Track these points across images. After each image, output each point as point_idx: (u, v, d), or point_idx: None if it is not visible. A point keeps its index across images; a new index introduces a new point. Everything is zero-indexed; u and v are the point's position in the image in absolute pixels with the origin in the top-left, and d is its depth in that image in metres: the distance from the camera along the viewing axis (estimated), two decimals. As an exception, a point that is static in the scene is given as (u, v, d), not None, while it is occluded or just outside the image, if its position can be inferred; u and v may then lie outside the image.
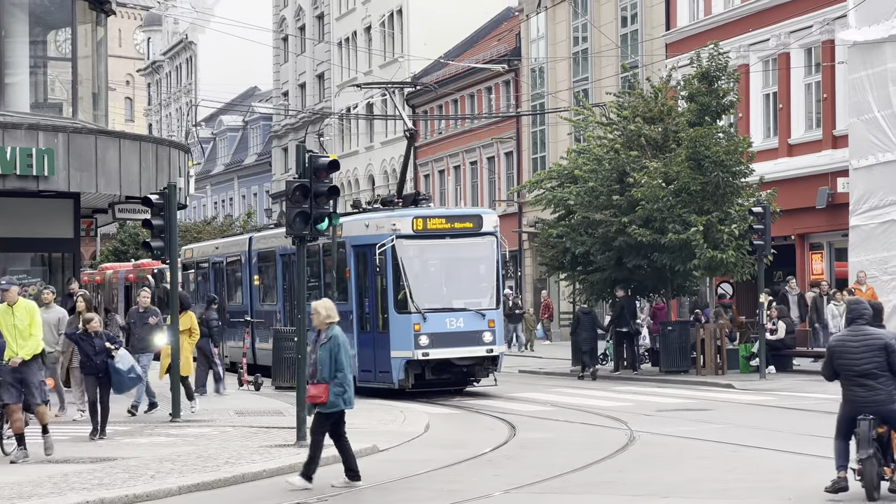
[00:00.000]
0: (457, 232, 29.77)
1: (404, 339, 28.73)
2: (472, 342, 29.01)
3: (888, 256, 35.53)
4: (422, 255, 29.63)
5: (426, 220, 29.51)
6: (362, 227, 30.23)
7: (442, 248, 29.78)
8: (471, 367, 29.55)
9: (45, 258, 31.13)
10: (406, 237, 29.06)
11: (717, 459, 18.36)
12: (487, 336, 29.10)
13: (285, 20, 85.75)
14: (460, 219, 30.52)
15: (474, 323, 29.09)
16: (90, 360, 21.05)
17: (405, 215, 29.61)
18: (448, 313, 29.06)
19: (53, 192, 28.45)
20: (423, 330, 28.60)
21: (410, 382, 28.95)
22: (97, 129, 30.79)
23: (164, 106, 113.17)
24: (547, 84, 54.60)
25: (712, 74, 34.83)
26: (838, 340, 15.38)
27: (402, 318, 28.77)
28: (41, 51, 32.69)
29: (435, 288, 29.79)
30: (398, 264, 28.84)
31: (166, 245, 24.00)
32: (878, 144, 35.80)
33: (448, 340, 28.77)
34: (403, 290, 28.81)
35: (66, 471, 17.34)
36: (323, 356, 16.37)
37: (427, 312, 28.70)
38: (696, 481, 16.35)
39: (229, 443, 20.34)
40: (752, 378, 32.16)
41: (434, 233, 29.49)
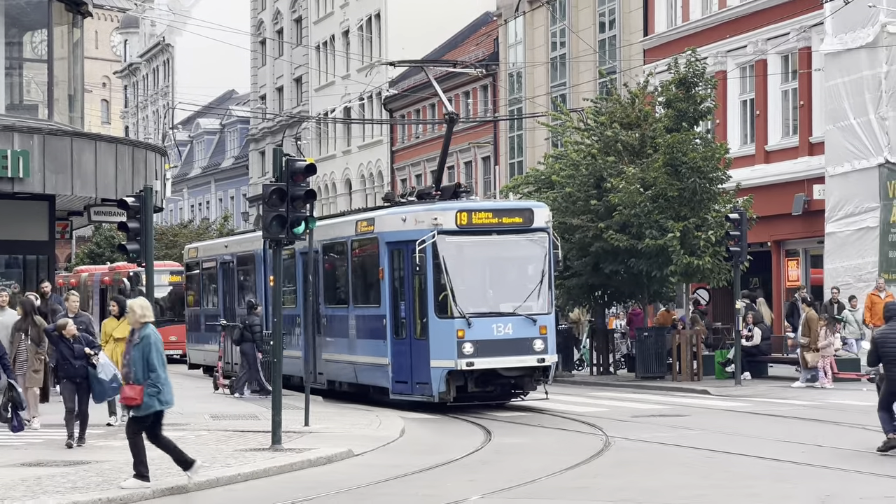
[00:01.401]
0: (505, 227, 26.98)
1: (446, 347, 25.99)
2: (522, 350, 26.31)
3: (862, 263, 35.67)
4: (466, 252, 26.84)
5: (471, 215, 26.69)
6: (398, 221, 27.29)
7: (488, 246, 27.03)
8: (519, 379, 26.94)
9: (19, 260, 31.03)
10: (449, 233, 26.28)
11: (693, 465, 18.35)
12: (539, 344, 26.39)
13: (263, 23, 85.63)
14: (509, 213, 27.49)
15: (524, 329, 26.38)
16: (68, 364, 20.37)
17: (448, 209, 26.69)
18: (495, 318, 26.38)
19: (28, 194, 28.38)
20: (467, 336, 25.90)
21: (452, 395, 26.21)
22: (73, 132, 30.72)
23: (141, 108, 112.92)
24: (525, 89, 54.62)
25: (690, 80, 34.93)
26: (882, 333, 19.30)
27: (444, 323, 26.06)
28: (17, 52, 32.60)
29: (481, 290, 27.17)
30: (440, 263, 26.09)
31: (142, 248, 23.96)
32: (853, 152, 35.94)
33: (495, 348, 26.11)
34: (445, 292, 26.12)
35: (39, 474, 17.26)
36: (136, 356, 16.16)
37: (472, 317, 26.00)
38: (671, 487, 16.33)
39: (204, 447, 20.25)
40: (728, 384, 32.20)
41: (480, 228, 26.76)
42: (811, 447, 19.59)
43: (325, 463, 18.93)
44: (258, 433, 21.56)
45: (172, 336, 47.08)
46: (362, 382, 28.91)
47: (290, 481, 17.38)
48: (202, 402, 28.74)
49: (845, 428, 22.38)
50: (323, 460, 19.02)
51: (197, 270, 41.38)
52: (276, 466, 18.24)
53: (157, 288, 30.80)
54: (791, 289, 39.24)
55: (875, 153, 35.36)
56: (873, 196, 35.46)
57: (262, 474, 17.71)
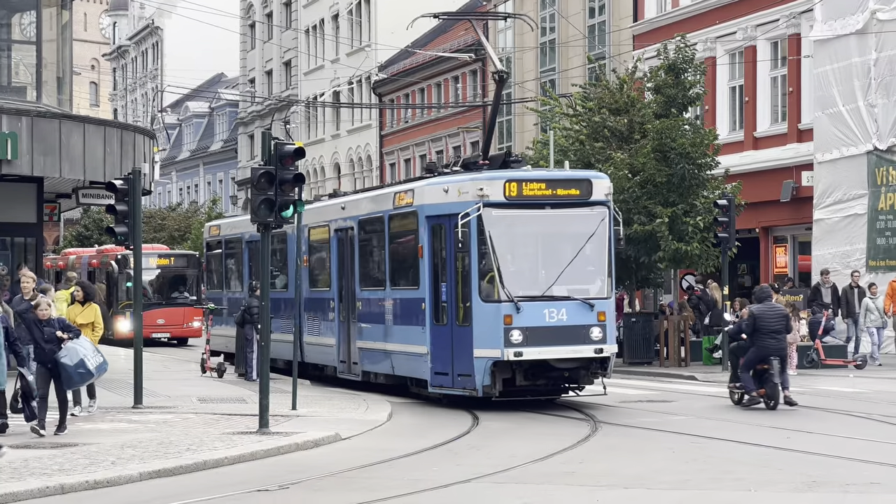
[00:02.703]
0: (560, 200, 23.92)
1: (491, 335, 23.02)
2: (577, 339, 23.34)
3: (850, 250, 35.78)
4: (515, 228, 23.91)
5: (521, 185, 23.66)
6: (439, 193, 24.29)
7: (541, 221, 24.00)
8: (573, 371, 23.94)
9: (7, 242, 31.03)
10: (496, 205, 23.36)
11: (679, 450, 18.41)
12: (596, 332, 23.41)
13: (252, 7, 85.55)
14: (564, 184, 24.31)
15: (580, 315, 23.41)
16: (39, 348, 19.73)
17: (496, 178, 23.73)
18: (547, 302, 23.29)
19: (16, 176, 28.36)
20: (515, 323, 22.93)
21: (498, 389, 23.32)
22: (61, 114, 30.70)
23: (130, 91, 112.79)
24: (514, 73, 54.59)
25: (679, 66, 34.97)
26: (760, 310, 23.27)
27: (490, 307, 23.11)
28: (5, 34, 32.57)
29: (531, 270, 24.09)
30: (486, 240, 23.14)
31: (130, 231, 23.97)
32: (842, 139, 36.03)
33: (547, 337, 23.13)
34: (491, 273, 23.22)
35: (26, 456, 17.28)
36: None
37: (521, 301, 23.03)
38: (657, 472, 16.39)
39: (191, 429, 20.31)
40: (715, 370, 32.25)
41: (531, 201, 23.73)
42: (796, 433, 19.68)
43: (312, 446, 18.98)
44: (246, 416, 21.60)
45: (160, 319, 47.23)
46: (399, 374, 26.21)
47: (277, 464, 17.43)
48: (190, 385, 28.76)
49: (830, 414, 22.48)
50: (310, 444, 19.07)
51: (219, 250, 37.86)
52: (264, 450, 18.28)
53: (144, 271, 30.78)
54: (779, 275, 39.33)
55: (864, 140, 35.45)
56: (862, 183, 35.57)
57: (250, 457, 17.74)
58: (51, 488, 15.11)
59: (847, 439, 18.93)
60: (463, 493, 15.04)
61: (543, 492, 15.10)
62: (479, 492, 15.09)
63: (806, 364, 32.34)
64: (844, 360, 32.93)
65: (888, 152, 34.82)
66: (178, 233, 71.07)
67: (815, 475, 15.69)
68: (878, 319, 32.74)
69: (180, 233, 71.08)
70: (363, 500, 14.41)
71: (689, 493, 14.97)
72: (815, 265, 37.13)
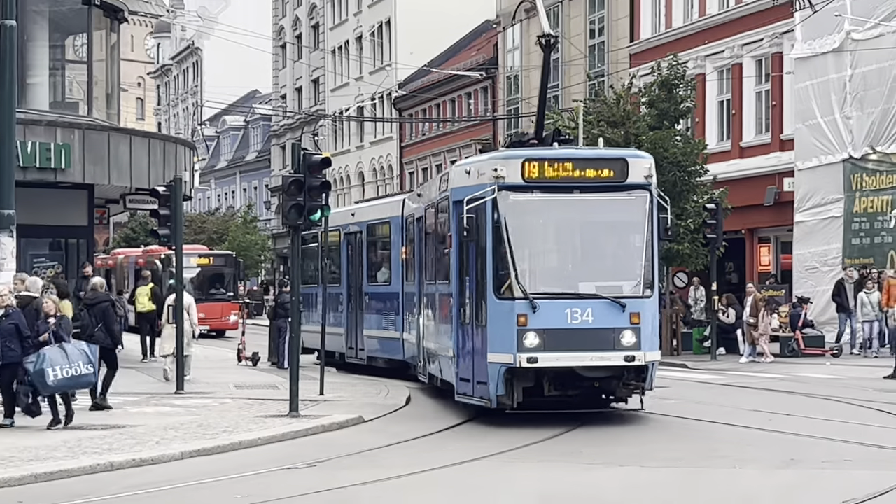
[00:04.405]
0: (589, 183, 18.94)
1: (505, 337, 18.36)
2: (604, 345, 18.45)
3: (828, 249, 35.72)
4: (535, 214, 19.10)
5: (543, 165, 18.79)
6: (464, 175, 19.75)
7: (566, 206, 19.08)
8: (605, 382, 19.16)
9: (61, 244, 31.13)
10: (513, 188, 18.66)
11: (671, 432, 18.45)
12: (628, 337, 18.45)
13: (284, 29, 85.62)
14: (595, 163, 19.19)
15: (608, 317, 18.38)
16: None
17: (513, 157, 19.11)
18: (570, 301, 18.39)
19: (70, 183, 28.47)
20: (530, 324, 18.21)
21: (516, 400, 18.69)
22: (110, 127, 30.81)
23: (172, 106, 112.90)
24: (521, 90, 54.62)
25: (671, 82, 35.00)
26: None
27: (503, 305, 18.42)
28: (60, 54, 32.67)
29: (553, 264, 19.46)
30: (500, 227, 18.50)
31: (172, 233, 24.08)
32: (820, 148, 35.98)
33: (568, 341, 18.30)
34: (505, 266, 18.59)
35: (79, 436, 17.40)
36: None
37: (537, 298, 18.28)
38: (651, 451, 16.41)
39: (228, 413, 20.40)
40: (704, 359, 32.31)
41: (555, 183, 18.83)
42: (778, 415, 19.66)
43: (337, 428, 19.03)
44: (277, 401, 21.65)
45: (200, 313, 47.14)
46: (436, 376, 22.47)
47: (305, 444, 17.50)
48: (227, 373, 28.84)
49: (809, 398, 22.50)
50: (336, 426, 19.12)
51: (314, 243, 31.98)
52: (293, 431, 18.36)
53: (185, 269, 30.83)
54: (763, 273, 39.29)
55: (840, 149, 35.39)
56: (838, 188, 35.51)
57: (281, 438, 17.82)
58: (101, 465, 15.23)
59: (824, 421, 18.96)
60: (472, 470, 15.08)
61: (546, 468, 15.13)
62: (487, 470, 15.12)
63: (787, 353, 32.36)
64: (822, 349, 32.91)
65: (862, 160, 34.75)
66: (216, 235, 71.13)
67: (794, 453, 15.71)
68: (870, 313, 32.19)
69: (218, 235, 71.15)
70: (383, 476, 14.48)
71: (679, 470, 15.01)
72: (795, 264, 37.08)
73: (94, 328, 20.95)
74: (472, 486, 14.05)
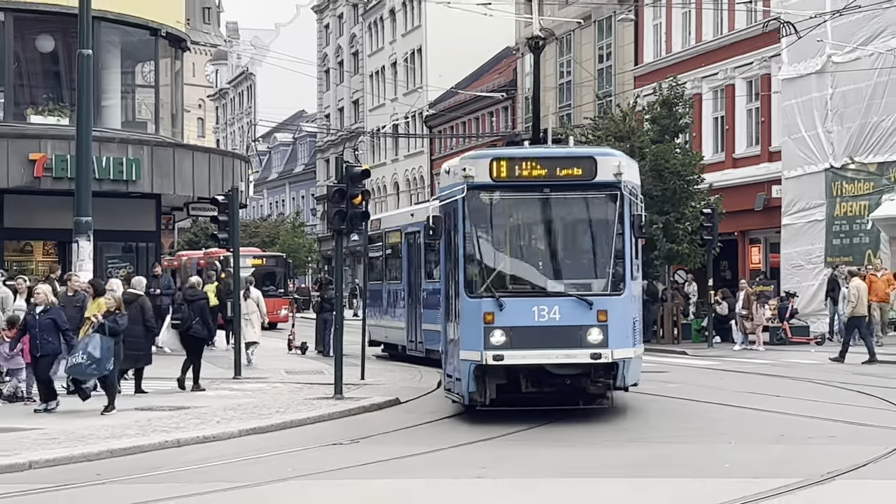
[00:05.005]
0: (558, 182, 16.98)
1: (473, 335, 16.63)
2: (571, 343, 16.47)
3: (812, 249, 35.61)
4: (503, 213, 17.26)
5: (511, 164, 16.96)
6: (445, 175, 18.33)
7: (534, 205, 17.21)
8: (575, 379, 17.22)
9: (132, 247, 31.29)
10: (482, 188, 16.90)
11: (673, 412, 18.37)
12: (594, 334, 16.40)
13: (327, 56, 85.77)
14: (564, 162, 17.26)
15: (575, 314, 16.43)
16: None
17: (482, 156, 17.38)
18: (537, 299, 16.59)
19: (139, 193, 28.65)
20: (497, 322, 16.46)
21: (488, 397, 16.92)
22: (175, 143, 30.96)
23: (229, 125, 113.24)
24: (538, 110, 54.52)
25: (671, 101, 34.93)
26: None
27: (473, 303, 16.69)
28: (130, 80, 32.84)
29: (521, 262, 17.31)
30: (469, 227, 16.88)
31: (230, 237, 24.13)
32: (805, 158, 35.85)
33: (535, 338, 16.45)
34: (474, 265, 16.90)
35: (149, 417, 17.43)
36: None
37: (504, 296, 16.53)
38: (655, 429, 16.36)
39: (280, 396, 20.40)
40: (702, 346, 32.22)
41: (523, 182, 16.96)
42: (769, 397, 19.60)
43: (376, 409, 19.01)
44: (323, 385, 21.65)
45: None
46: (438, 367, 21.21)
47: (348, 423, 17.49)
48: (279, 360, 28.84)
49: (796, 381, 22.39)
50: (375, 406, 19.11)
51: (379, 242, 31.38)
52: (338, 411, 18.34)
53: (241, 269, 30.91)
54: (754, 270, 39.18)
55: (822, 160, 35.25)
56: (820, 195, 35.38)
57: (327, 417, 17.83)
58: (169, 442, 15.26)
59: (809, 401, 18.86)
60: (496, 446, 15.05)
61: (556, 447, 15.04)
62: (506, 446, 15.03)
63: (776, 341, 32.24)
64: (807, 337, 32.77)
65: (842, 170, 34.61)
66: (268, 238, 71.27)
67: (783, 430, 15.64)
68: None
69: (270, 238, 71.28)
70: (419, 451, 14.48)
71: (680, 445, 14.95)
72: (783, 262, 36.97)
73: (192, 321, 21.40)
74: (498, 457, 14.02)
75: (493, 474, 12.96)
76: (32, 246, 29.51)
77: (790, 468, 12.78)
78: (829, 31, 33.95)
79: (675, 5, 43.36)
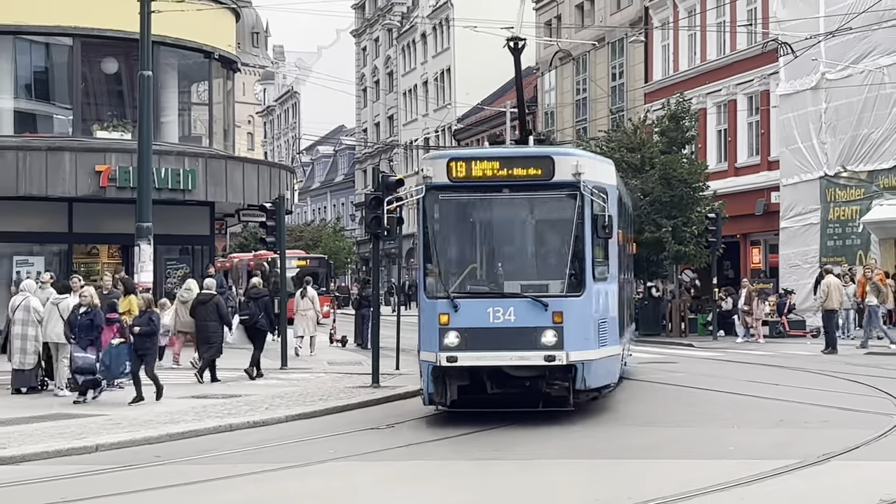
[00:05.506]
0: (515, 182, 15.31)
1: (430, 336, 15.18)
2: (525, 344, 14.85)
3: (808, 250, 35.43)
4: (461, 213, 15.81)
5: (469, 164, 15.36)
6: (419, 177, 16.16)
7: (492, 205, 15.62)
8: (533, 381, 15.55)
9: (189, 249, 31.39)
10: (440, 188, 15.41)
11: (680, 399, 18.30)
12: (549, 336, 14.81)
13: (365, 76, 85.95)
14: (521, 162, 15.44)
15: (530, 316, 14.85)
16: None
17: (440, 157, 15.89)
18: (492, 300, 15.01)
19: (195, 201, 28.71)
20: (452, 323, 14.96)
21: (449, 398, 15.49)
22: (227, 156, 31.04)
23: (276, 138, 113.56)
24: (556, 123, 54.48)
25: (679, 115, 34.80)
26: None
27: (429, 304, 15.24)
28: (187, 98, 32.96)
29: (477, 263, 15.86)
30: (427, 227, 15.45)
31: (277, 240, 24.18)
32: (801, 167, 35.67)
33: (490, 340, 14.89)
34: (431, 266, 15.41)
35: (204, 404, 17.50)
36: None
37: (459, 297, 15.02)
38: (664, 414, 16.32)
39: (323, 384, 20.44)
40: (707, 339, 32.07)
41: (481, 182, 15.32)
42: (769, 385, 19.50)
43: (411, 396, 18.93)
44: (362, 375, 21.63)
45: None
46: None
47: (385, 409, 17.49)
48: (322, 352, 28.84)
49: (793, 371, 22.26)
50: (409, 394, 19.02)
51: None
52: (375, 399, 18.35)
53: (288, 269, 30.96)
54: (755, 270, 38.99)
55: (817, 169, 35.07)
56: (815, 200, 35.19)
57: (365, 404, 17.84)
58: (222, 426, 15.32)
59: (806, 389, 18.75)
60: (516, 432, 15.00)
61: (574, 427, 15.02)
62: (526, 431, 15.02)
63: (775, 334, 32.06)
64: (804, 331, 32.58)
65: (835, 177, 34.40)
66: (311, 242, 71.35)
67: (782, 416, 15.57)
68: (846, 302, 31.45)
69: (313, 242, 71.37)
70: (450, 434, 14.46)
71: (687, 429, 14.90)
72: (781, 262, 36.80)
73: (258, 315, 21.69)
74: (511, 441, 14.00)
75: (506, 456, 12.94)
76: (98, 249, 29.64)
77: (789, 450, 12.72)
78: (823, 50, 33.77)
79: (682, 28, 43.23)
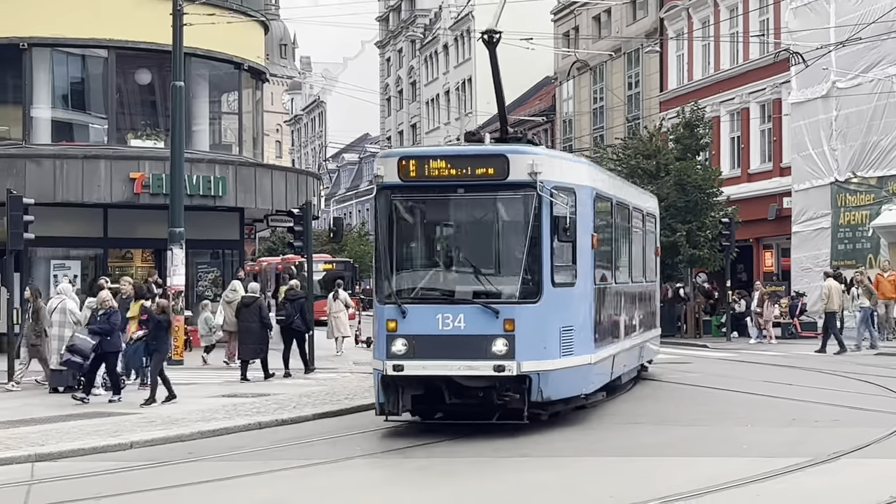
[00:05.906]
0: (468, 182, 13.82)
1: (380, 343, 13.99)
2: (475, 353, 13.49)
3: (819, 254, 35.27)
4: (411, 215, 14.41)
5: (422, 164, 13.92)
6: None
7: (443, 206, 14.32)
8: (487, 392, 13.86)
9: (219, 254, 31.51)
10: (392, 188, 14.07)
11: (695, 398, 18.26)
12: (499, 345, 13.47)
13: (388, 86, 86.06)
14: (474, 161, 13.94)
15: (481, 323, 13.48)
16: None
17: (391, 155, 14.42)
18: (442, 306, 13.66)
19: (225, 207, 28.83)
20: (399, 330, 13.72)
21: (402, 408, 14.13)
22: (256, 163, 31.15)
23: (303, 146, 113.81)
24: (574, 131, 54.45)
25: (693, 123, 34.76)
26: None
27: (380, 310, 14.01)
28: (217, 108, 33.11)
29: (428, 266, 14.36)
30: (379, 229, 14.25)
31: (304, 245, 24.21)
32: (812, 173, 35.54)
33: (438, 348, 13.59)
34: (384, 269, 14.06)
35: (234, 402, 17.56)
36: None
37: (408, 303, 13.76)
38: (678, 412, 16.28)
39: (348, 384, 20.44)
40: (721, 340, 31.98)
41: (432, 182, 13.90)
42: (781, 385, 19.43)
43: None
44: (386, 375, 21.63)
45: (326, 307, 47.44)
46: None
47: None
48: (348, 353, 28.86)
49: (805, 371, 22.18)
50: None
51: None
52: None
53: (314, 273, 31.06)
54: (767, 273, 38.85)
55: (828, 175, 34.93)
56: (826, 206, 35.05)
57: (389, 403, 17.81)
58: (252, 424, 15.35)
59: (817, 389, 18.69)
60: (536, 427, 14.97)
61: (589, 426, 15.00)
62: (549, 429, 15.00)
63: (787, 336, 31.95)
64: (815, 332, 32.40)
65: (845, 183, 34.26)
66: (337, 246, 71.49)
67: (794, 415, 15.52)
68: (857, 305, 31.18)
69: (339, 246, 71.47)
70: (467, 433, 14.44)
71: (701, 427, 14.87)
72: (793, 265, 36.64)
73: (294, 316, 21.98)
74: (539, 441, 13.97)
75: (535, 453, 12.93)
76: (132, 254, 29.80)
77: (801, 448, 12.68)
78: (834, 60, 33.64)
79: (696, 38, 43.13)
